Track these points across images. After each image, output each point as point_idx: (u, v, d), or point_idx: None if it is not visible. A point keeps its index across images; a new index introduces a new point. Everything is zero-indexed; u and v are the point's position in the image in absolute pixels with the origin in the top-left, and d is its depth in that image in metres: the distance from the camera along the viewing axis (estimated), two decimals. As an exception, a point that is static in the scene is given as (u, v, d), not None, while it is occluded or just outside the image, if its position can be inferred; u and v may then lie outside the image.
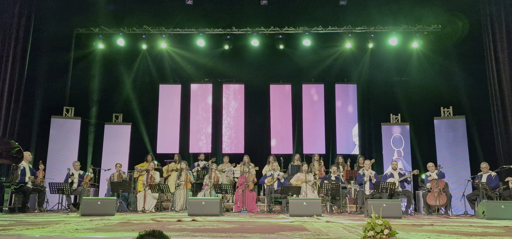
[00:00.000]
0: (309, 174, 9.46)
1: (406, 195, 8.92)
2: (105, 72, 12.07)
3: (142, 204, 9.06)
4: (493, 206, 7.30)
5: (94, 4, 10.74)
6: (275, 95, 12.48)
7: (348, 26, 11.43)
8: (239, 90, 12.56)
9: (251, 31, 11.60)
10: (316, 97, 12.45)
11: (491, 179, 8.63)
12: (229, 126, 12.42)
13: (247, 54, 12.10)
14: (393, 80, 12.21)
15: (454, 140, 10.87)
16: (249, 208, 8.85)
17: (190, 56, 12.26)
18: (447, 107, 11.20)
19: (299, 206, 7.43)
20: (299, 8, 11.08)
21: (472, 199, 8.80)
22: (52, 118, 11.06)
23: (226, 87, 12.61)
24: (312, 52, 12.03)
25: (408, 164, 11.15)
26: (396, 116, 11.65)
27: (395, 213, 7.09)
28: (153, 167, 9.79)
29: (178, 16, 11.36)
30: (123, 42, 11.79)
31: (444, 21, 11.18)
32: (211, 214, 7.23)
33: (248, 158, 10.22)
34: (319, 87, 12.48)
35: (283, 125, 12.31)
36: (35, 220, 6.03)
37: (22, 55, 10.09)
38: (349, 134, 12.23)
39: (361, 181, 9.11)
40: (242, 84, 12.56)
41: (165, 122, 12.34)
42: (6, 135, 9.45)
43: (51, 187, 8.77)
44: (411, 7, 10.91)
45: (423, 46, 11.60)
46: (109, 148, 11.47)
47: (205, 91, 12.62)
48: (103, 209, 7.20)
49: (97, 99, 11.87)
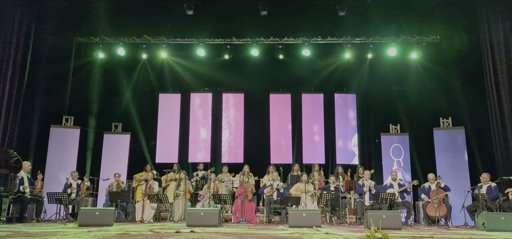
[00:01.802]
0: (308, 184, 9.43)
1: (406, 206, 8.89)
2: (105, 81, 12.10)
3: (140, 214, 9.01)
4: (493, 217, 7.26)
5: (95, 13, 10.79)
6: (274, 104, 12.49)
7: (347, 36, 11.50)
8: (238, 99, 12.58)
9: (251, 41, 11.66)
10: (316, 107, 12.46)
11: (491, 190, 8.61)
12: (229, 135, 12.41)
13: (247, 64, 12.15)
14: (392, 91, 12.24)
15: (453, 150, 10.87)
16: (248, 219, 8.80)
17: (190, 66, 12.30)
18: (446, 118, 11.21)
19: (299, 217, 7.38)
20: (299, 19, 11.15)
21: (472, 210, 8.76)
22: (51, 128, 11.05)
23: (225, 97, 12.63)
24: (312, 62, 12.08)
25: (407, 175, 11.13)
26: (395, 127, 11.66)
27: (395, 224, 7.05)
28: (152, 177, 9.75)
29: (178, 26, 11.42)
30: (123, 51, 11.83)
31: (443, 33, 11.25)
32: (210, 224, 7.18)
33: (248, 167, 10.19)
34: (318, 97, 12.50)
35: (282, 134, 12.31)
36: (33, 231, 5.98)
37: (22, 64, 10.11)
38: (349, 144, 12.23)
39: (361, 191, 9.08)
40: (241, 93, 12.58)
41: (164, 131, 12.33)
42: (5, 144, 9.44)
43: (49, 197, 8.72)
44: (410, 19, 10.97)
45: (422, 57, 11.66)
46: (108, 158, 11.45)
47: (204, 100, 12.63)
48: (101, 219, 7.15)
49: (97, 109, 11.87)
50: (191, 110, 12.52)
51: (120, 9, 10.77)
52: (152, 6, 10.78)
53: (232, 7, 10.70)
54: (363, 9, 10.68)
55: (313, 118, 12.39)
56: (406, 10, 10.70)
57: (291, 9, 10.84)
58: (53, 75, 11.09)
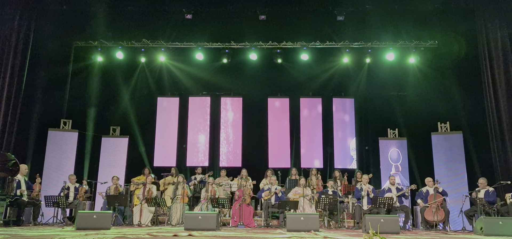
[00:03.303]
0: (306, 188, 9.43)
1: (404, 210, 8.89)
2: (103, 85, 12.09)
3: (138, 218, 8.99)
4: (491, 222, 7.26)
5: (94, 17, 10.80)
6: (273, 109, 12.51)
7: (345, 41, 11.52)
8: (237, 103, 12.59)
9: (250, 45, 11.68)
10: (314, 111, 12.49)
11: (488, 194, 8.62)
12: (227, 139, 12.41)
13: (245, 68, 12.17)
14: (390, 95, 12.27)
15: (451, 155, 10.88)
16: (246, 223, 8.79)
17: (188, 70, 12.31)
18: (444, 123, 11.24)
19: (297, 221, 7.37)
20: (297, 23, 11.18)
21: (470, 214, 8.76)
22: (49, 131, 11.02)
23: (224, 101, 12.64)
24: (310, 66, 12.11)
25: (405, 179, 11.14)
26: (393, 131, 11.67)
27: (392, 228, 7.05)
28: (150, 181, 9.74)
29: (177, 30, 11.44)
30: (122, 55, 11.83)
31: (441, 38, 11.30)
32: (208, 228, 7.16)
33: (246, 171, 10.19)
34: (316, 101, 12.53)
35: (280, 138, 12.31)
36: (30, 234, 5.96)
37: (20, 67, 10.12)
38: (347, 148, 12.24)
39: (359, 196, 9.09)
40: (240, 97, 12.59)
41: (162, 135, 12.32)
42: (3, 147, 9.42)
43: (47, 200, 8.69)
44: (408, 24, 11.02)
45: (420, 62, 11.70)
46: (106, 161, 11.42)
47: (203, 104, 12.64)
48: (98, 223, 7.12)
49: (95, 112, 11.85)
50: (189, 114, 12.52)
51: (119, 13, 10.80)
52: (151, 10, 10.80)
53: (230, 11, 10.73)
54: (361, 14, 10.74)
55: (311, 123, 12.41)
56: (404, 15, 10.75)
57: (290, 13, 10.88)
58: (52, 79, 11.09)
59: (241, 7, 10.67)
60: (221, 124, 12.48)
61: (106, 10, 10.58)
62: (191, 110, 12.55)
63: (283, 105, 12.51)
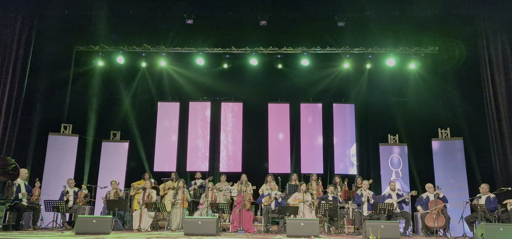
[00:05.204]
0: (307, 193, 9.41)
1: (404, 216, 8.86)
2: (104, 89, 12.12)
3: (138, 222, 8.97)
4: (492, 228, 7.24)
5: (95, 22, 10.84)
6: (273, 114, 12.50)
7: (346, 47, 11.54)
8: (237, 108, 12.59)
9: (250, 50, 11.71)
10: (314, 116, 12.48)
11: (489, 201, 8.60)
12: (227, 144, 12.40)
13: (246, 73, 12.18)
14: (391, 101, 12.27)
15: (452, 161, 10.86)
16: (246, 228, 8.76)
17: (189, 75, 12.32)
18: (445, 129, 11.23)
19: (297, 227, 7.36)
20: (298, 29, 11.20)
21: (470, 221, 8.73)
22: (50, 135, 11.01)
23: (224, 106, 12.64)
24: (310, 72, 12.12)
25: (406, 185, 11.11)
26: (394, 137, 11.66)
27: (393, 234, 7.02)
28: (150, 185, 9.72)
29: (178, 35, 11.47)
30: (123, 60, 11.86)
31: (441, 44, 11.32)
32: (208, 234, 7.15)
33: (246, 177, 10.17)
34: (317, 107, 12.53)
35: (281, 144, 12.30)
36: (29, 238, 5.95)
37: (21, 71, 10.15)
38: (347, 153, 12.22)
39: (359, 201, 9.07)
40: (240, 103, 12.59)
41: (162, 140, 12.31)
42: (3, 151, 9.42)
43: (46, 204, 8.68)
44: (408, 30, 11.04)
45: (421, 68, 11.72)
46: (106, 166, 11.41)
47: (203, 109, 12.64)
48: (98, 227, 7.12)
49: (95, 117, 11.86)
50: (189, 119, 12.51)
51: (120, 17, 10.83)
52: (152, 15, 10.83)
53: (231, 17, 10.76)
54: (362, 20, 10.75)
55: (312, 128, 12.40)
56: (405, 21, 10.77)
57: (290, 19, 10.90)
58: (53, 83, 11.10)
59: (242, 13, 10.70)
60: (221, 129, 12.48)
61: (107, 15, 10.60)
62: (191, 115, 12.54)
63: (283, 110, 12.51)
